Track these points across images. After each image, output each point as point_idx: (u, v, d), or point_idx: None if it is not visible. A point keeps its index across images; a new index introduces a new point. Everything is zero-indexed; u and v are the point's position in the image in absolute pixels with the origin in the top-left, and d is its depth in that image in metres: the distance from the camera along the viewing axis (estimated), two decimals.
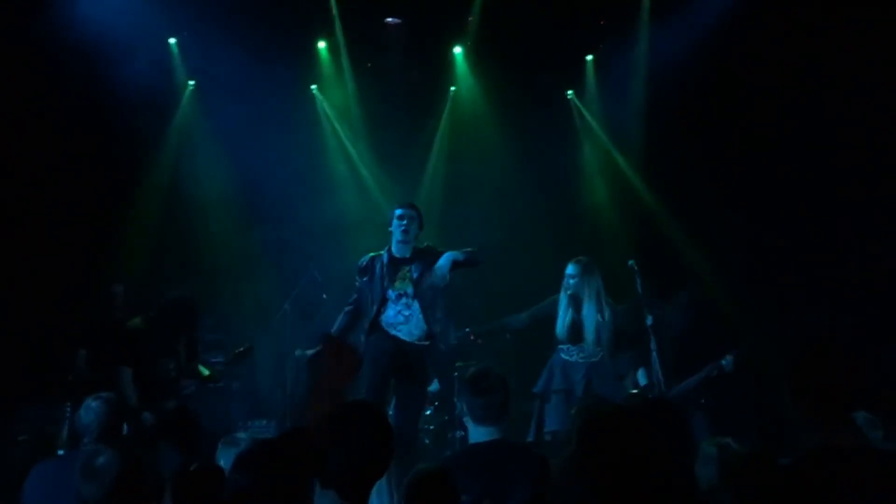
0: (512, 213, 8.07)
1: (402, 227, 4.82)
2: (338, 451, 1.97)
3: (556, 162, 8.04)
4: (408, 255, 4.86)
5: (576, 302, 5.18)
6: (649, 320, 5.12)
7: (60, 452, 4.91)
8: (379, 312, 4.75)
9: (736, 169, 7.22)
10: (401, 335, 4.73)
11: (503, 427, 2.91)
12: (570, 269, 5.23)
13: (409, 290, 4.77)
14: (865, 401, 2.44)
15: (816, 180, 6.54)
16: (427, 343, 4.79)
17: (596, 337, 5.12)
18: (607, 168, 8.32)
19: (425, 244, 5.01)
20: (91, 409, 3.38)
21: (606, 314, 5.16)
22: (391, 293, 4.76)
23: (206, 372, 5.22)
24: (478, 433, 2.88)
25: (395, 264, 4.83)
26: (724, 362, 5.25)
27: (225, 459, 3.06)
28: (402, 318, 4.74)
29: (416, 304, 4.75)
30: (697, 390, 5.35)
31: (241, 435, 4.61)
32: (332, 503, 1.95)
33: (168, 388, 4.96)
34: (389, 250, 4.91)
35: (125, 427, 3.52)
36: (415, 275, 4.81)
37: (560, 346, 5.23)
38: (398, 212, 4.90)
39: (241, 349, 5.42)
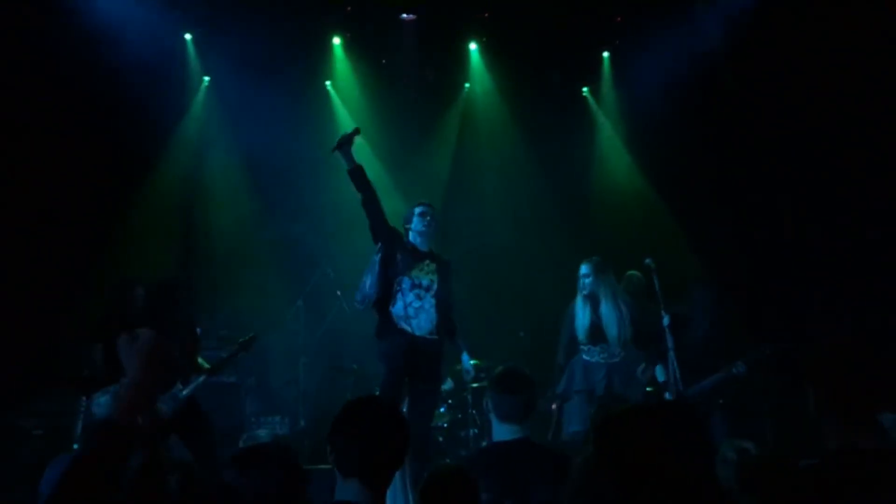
0: (526, 211, 8.04)
1: (426, 220, 4.85)
2: (357, 443, 2.00)
3: (570, 159, 8.02)
4: (426, 251, 4.87)
5: (593, 302, 5.19)
6: (666, 320, 5.08)
7: (76, 447, 4.94)
8: (388, 304, 4.73)
9: (754, 167, 7.18)
10: (411, 329, 4.70)
11: (527, 426, 2.90)
12: (583, 269, 5.26)
13: (425, 282, 4.76)
14: (893, 402, 2.40)
15: (837, 179, 6.50)
16: (437, 337, 4.77)
17: (618, 335, 5.12)
18: (622, 165, 8.28)
19: (437, 252, 5.00)
20: (100, 405, 3.39)
21: (625, 311, 5.15)
22: (406, 280, 4.73)
23: (206, 365, 5.26)
24: (501, 431, 2.88)
25: (416, 254, 4.83)
26: (735, 370, 5.21)
27: None
28: (413, 312, 4.72)
29: (428, 298, 4.75)
30: (715, 390, 5.31)
31: (261, 432, 4.63)
32: (354, 492, 1.96)
33: (176, 377, 4.98)
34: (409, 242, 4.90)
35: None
36: (438, 276, 4.80)
37: (581, 347, 5.23)
38: (420, 209, 4.91)
39: (245, 339, 5.46)
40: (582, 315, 5.20)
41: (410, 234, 4.90)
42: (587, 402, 5.06)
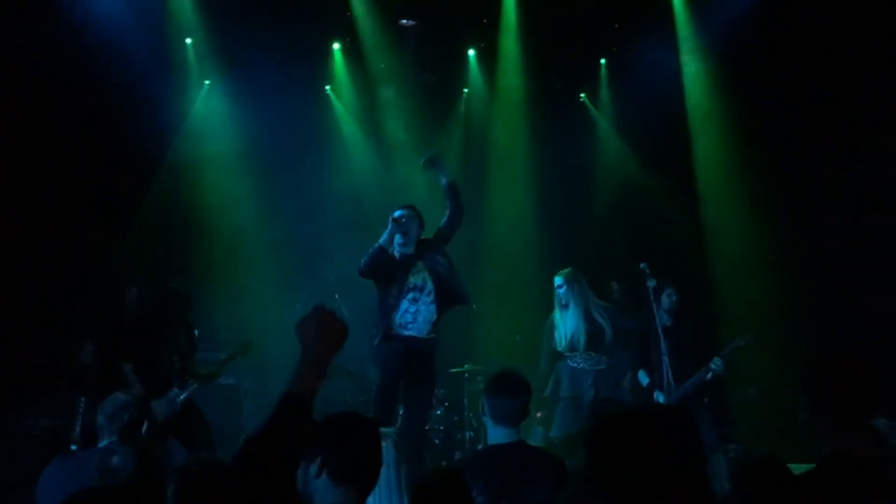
0: (524, 215, 8.07)
1: (402, 230, 4.83)
2: (361, 454, 2.06)
3: (570, 163, 8.05)
4: (412, 252, 4.91)
5: (567, 311, 5.30)
6: (660, 326, 5.12)
7: (73, 447, 4.95)
8: (391, 318, 4.80)
9: (747, 169, 7.25)
10: (411, 333, 4.79)
11: (520, 429, 2.92)
12: (557, 280, 5.37)
13: (419, 283, 4.83)
14: (887, 408, 2.42)
15: (836, 179, 6.56)
16: (434, 336, 4.86)
17: (589, 342, 5.19)
18: (623, 169, 8.32)
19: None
20: (117, 400, 3.40)
21: (598, 318, 5.22)
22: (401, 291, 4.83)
23: (203, 371, 5.28)
24: (497, 434, 2.89)
25: (405, 262, 4.88)
26: (713, 366, 5.27)
27: None
28: (410, 317, 4.80)
29: (423, 297, 4.81)
30: (698, 390, 5.38)
31: None
32: (340, 494, 2.01)
33: (173, 381, 5.01)
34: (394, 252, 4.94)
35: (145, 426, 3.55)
36: (428, 270, 4.85)
37: (566, 354, 5.31)
38: (395, 214, 4.91)
39: (242, 343, 5.49)
40: (562, 326, 5.29)
41: (395, 242, 4.89)
42: (573, 408, 5.13)
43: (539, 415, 5.34)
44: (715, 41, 7.41)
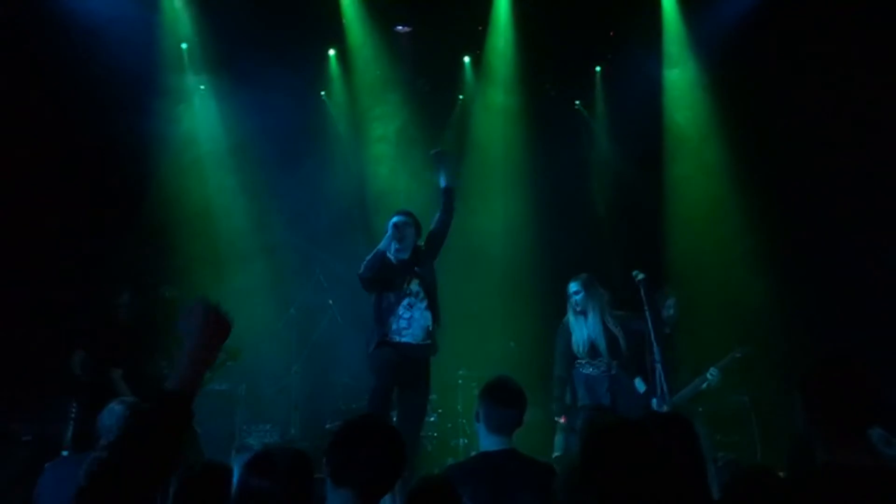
0: (518, 221, 8.09)
1: (398, 236, 4.92)
2: (360, 458, 2.04)
3: (563, 171, 8.07)
4: (407, 258, 4.96)
5: (585, 317, 5.25)
6: (655, 333, 5.13)
7: (65, 453, 4.92)
8: (386, 324, 4.82)
9: (744, 175, 7.30)
10: (407, 339, 4.83)
11: (512, 437, 2.91)
12: (573, 286, 5.33)
13: (415, 289, 4.88)
14: (882, 417, 2.42)
15: (828, 189, 6.60)
16: (429, 342, 4.91)
17: (609, 348, 5.17)
18: (615, 177, 8.34)
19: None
20: (114, 412, 3.39)
21: (613, 324, 5.20)
22: (396, 296, 4.87)
23: None
24: (489, 441, 2.89)
25: (403, 267, 4.93)
26: (709, 376, 5.27)
27: (239, 465, 3.07)
28: (406, 323, 4.84)
29: (418, 303, 4.87)
30: (694, 399, 5.38)
31: (251, 441, 4.62)
32: (344, 500, 2.00)
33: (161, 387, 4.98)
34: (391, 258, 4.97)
35: None
36: (421, 273, 4.93)
37: (578, 361, 5.27)
38: (394, 220, 4.99)
39: (231, 349, 5.49)
40: (578, 331, 5.26)
41: (391, 247, 4.95)
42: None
43: (561, 420, 5.29)
44: (708, 50, 7.46)
